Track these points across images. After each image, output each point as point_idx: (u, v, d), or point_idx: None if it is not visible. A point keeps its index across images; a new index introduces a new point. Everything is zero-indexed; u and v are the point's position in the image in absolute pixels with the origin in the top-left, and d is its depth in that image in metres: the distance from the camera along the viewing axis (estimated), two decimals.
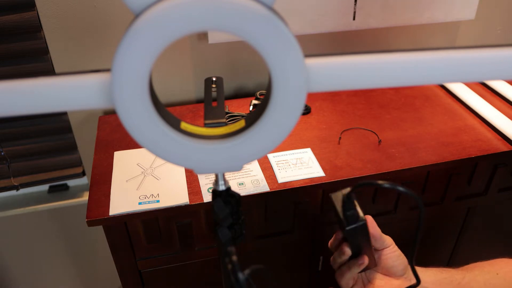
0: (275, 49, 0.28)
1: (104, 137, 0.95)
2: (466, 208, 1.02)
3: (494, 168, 0.96)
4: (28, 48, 0.96)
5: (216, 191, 0.41)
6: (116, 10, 0.97)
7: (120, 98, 0.29)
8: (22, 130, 1.06)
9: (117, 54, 0.27)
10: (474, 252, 1.15)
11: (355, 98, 1.08)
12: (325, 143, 0.92)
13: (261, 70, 1.15)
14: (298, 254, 0.96)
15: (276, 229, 0.90)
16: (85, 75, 0.29)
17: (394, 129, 0.96)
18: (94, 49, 1.01)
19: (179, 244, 0.85)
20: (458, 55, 0.30)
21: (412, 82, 0.31)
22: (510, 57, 0.30)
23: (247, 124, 0.33)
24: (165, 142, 0.32)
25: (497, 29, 1.28)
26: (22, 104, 0.29)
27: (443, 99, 1.09)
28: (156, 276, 0.89)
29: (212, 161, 0.33)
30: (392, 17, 1.08)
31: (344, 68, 0.30)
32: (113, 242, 0.81)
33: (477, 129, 0.96)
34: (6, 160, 1.09)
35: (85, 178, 1.22)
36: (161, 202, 0.76)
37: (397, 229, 1.01)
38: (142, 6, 0.26)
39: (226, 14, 0.26)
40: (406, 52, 0.30)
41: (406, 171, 0.85)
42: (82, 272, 1.36)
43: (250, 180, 0.82)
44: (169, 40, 0.27)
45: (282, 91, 0.29)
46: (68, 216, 1.22)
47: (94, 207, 0.76)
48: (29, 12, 0.92)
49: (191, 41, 1.05)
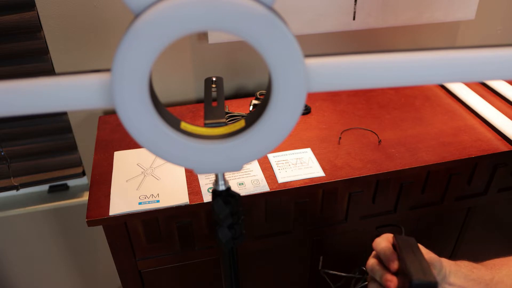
0: (275, 49, 0.28)
1: (104, 137, 0.95)
2: (466, 208, 1.02)
3: (494, 168, 0.96)
4: (28, 48, 0.96)
5: (216, 191, 0.41)
6: (116, 10, 0.97)
7: (120, 98, 0.29)
8: (22, 130, 1.06)
9: (117, 54, 0.27)
10: (474, 252, 1.15)
11: (355, 98, 1.09)
12: (325, 143, 0.92)
13: (261, 70, 1.15)
14: (298, 254, 0.96)
15: (276, 229, 0.90)
16: (85, 75, 0.29)
17: (394, 129, 0.96)
18: (94, 49, 1.01)
19: (179, 244, 0.85)
20: (458, 55, 0.30)
21: (412, 82, 0.31)
22: (510, 57, 0.30)
23: (247, 124, 0.33)
24: (165, 142, 0.32)
25: (497, 29, 1.28)
26: (22, 104, 0.29)
27: (443, 99, 1.09)
28: (156, 276, 0.89)
29: (212, 161, 0.33)
30: (392, 17, 1.08)
31: (344, 68, 0.30)
32: (113, 242, 0.81)
33: (477, 129, 0.96)
34: (6, 160, 1.09)
35: (85, 178, 1.22)
36: (161, 202, 0.77)
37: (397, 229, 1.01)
38: (142, 6, 0.26)
39: (226, 14, 0.26)
40: (406, 52, 0.30)
41: (406, 171, 0.85)
42: (82, 272, 1.36)
43: (250, 180, 0.82)
44: (169, 40, 0.27)
45: (282, 91, 0.29)
46: (68, 216, 1.22)
47: (94, 207, 0.76)
48: (29, 12, 0.92)
49: (191, 41, 1.05)
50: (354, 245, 0.99)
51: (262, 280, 1.00)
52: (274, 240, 0.91)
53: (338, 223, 0.92)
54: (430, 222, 1.02)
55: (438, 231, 1.05)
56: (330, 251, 0.98)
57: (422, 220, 1.00)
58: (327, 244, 0.96)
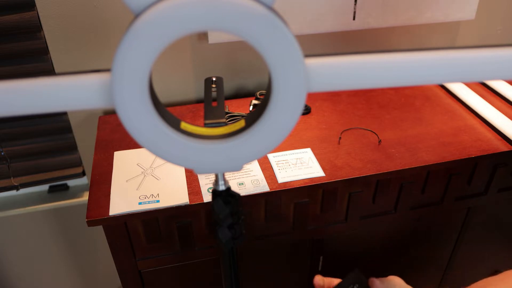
0: (275, 49, 0.28)
1: (104, 137, 0.95)
2: (466, 208, 1.02)
3: (494, 168, 0.96)
4: (28, 48, 0.96)
5: (216, 191, 0.41)
6: (116, 10, 0.97)
7: (120, 98, 0.29)
8: (22, 130, 1.06)
9: (117, 54, 0.27)
10: (474, 252, 1.15)
11: (355, 98, 1.09)
12: (325, 143, 0.92)
13: (261, 70, 1.15)
14: (298, 254, 0.96)
15: (276, 229, 0.90)
16: (85, 75, 0.29)
17: (394, 129, 0.96)
18: (94, 49, 1.01)
19: (179, 244, 0.85)
20: (458, 55, 0.30)
21: (412, 82, 0.31)
22: (510, 57, 0.30)
23: (247, 124, 0.33)
24: (165, 142, 0.32)
25: (497, 29, 1.28)
26: (22, 104, 0.29)
27: (443, 99, 1.09)
28: (156, 276, 0.89)
29: (212, 161, 0.33)
30: (392, 17, 1.08)
31: (344, 68, 0.30)
32: (113, 242, 0.81)
33: (477, 129, 0.96)
34: (6, 160, 1.09)
35: (85, 178, 1.22)
36: (161, 202, 0.77)
37: (397, 229, 1.01)
38: (142, 6, 0.26)
39: (226, 14, 0.26)
40: (406, 52, 0.30)
41: (406, 171, 0.85)
42: (82, 272, 1.36)
43: (250, 180, 0.82)
44: (169, 40, 0.27)
45: (282, 91, 0.29)
46: (68, 216, 1.22)
47: (94, 207, 0.76)
48: (29, 12, 0.92)
49: (191, 41, 1.05)
50: (354, 245, 1.00)
51: (262, 280, 1.00)
52: (274, 240, 0.91)
53: (338, 223, 0.92)
54: (430, 222, 1.02)
55: (438, 231, 1.05)
56: (330, 251, 0.98)
57: (422, 220, 1.00)
58: (327, 244, 0.96)
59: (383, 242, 1.02)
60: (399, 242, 1.04)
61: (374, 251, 1.04)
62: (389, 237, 1.02)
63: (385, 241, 1.02)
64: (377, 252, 1.04)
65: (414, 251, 1.08)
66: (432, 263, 1.14)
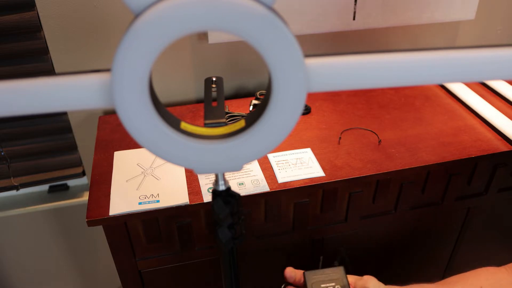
0: (275, 49, 0.28)
1: (104, 137, 0.95)
2: (466, 208, 1.02)
3: (494, 168, 0.96)
4: (28, 48, 0.96)
5: (216, 191, 0.41)
6: (116, 10, 0.97)
7: (120, 98, 0.29)
8: (22, 130, 1.06)
9: (117, 54, 0.27)
10: (474, 252, 1.15)
11: (355, 98, 1.09)
12: (325, 143, 0.92)
13: (261, 70, 1.15)
14: (298, 254, 0.96)
15: (276, 229, 0.90)
16: (85, 75, 0.29)
17: (394, 129, 0.96)
18: (94, 49, 1.01)
19: (179, 244, 0.85)
20: (458, 55, 0.30)
21: (412, 82, 0.31)
22: (510, 57, 0.30)
23: (247, 124, 0.33)
24: (165, 142, 0.32)
25: (497, 29, 1.28)
26: (22, 104, 0.29)
27: (443, 99, 1.09)
28: (156, 276, 0.89)
29: (212, 161, 0.33)
30: (392, 17, 1.08)
31: (344, 68, 0.30)
32: (113, 242, 0.81)
33: (477, 129, 0.96)
34: (6, 160, 1.09)
35: (85, 178, 1.22)
36: (161, 202, 0.77)
37: (397, 229, 1.01)
38: (142, 6, 0.26)
39: (226, 14, 0.26)
40: (406, 52, 0.30)
41: (406, 171, 0.85)
42: (82, 272, 1.36)
43: (250, 180, 0.82)
44: (169, 40, 0.27)
45: (282, 91, 0.29)
46: (68, 216, 1.22)
47: (94, 207, 0.76)
48: (29, 12, 0.92)
49: (191, 41, 1.05)
50: (354, 245, 0.99)
51: (262, 280, 1.00)
52: (274, 240, 0.91)
53: (338, 223, 0.92)
54: (430, 222, 1.02)
55: (438, 231, 1.05)
56: (330, 251, 0.98)
57: (422, 220, 1.00)
58: (327, 244, 0.96)
59: (383, 242, 1.02)
60: (399, 242, 1.04)
61: (374, 251, 1.04)
62: (389, 237, 1.02)
63: (385, 241, 1.02)
64: (377, 252, 1.04)
65: (414, 251, 1.08)
66: (432, 263, 1.14)
